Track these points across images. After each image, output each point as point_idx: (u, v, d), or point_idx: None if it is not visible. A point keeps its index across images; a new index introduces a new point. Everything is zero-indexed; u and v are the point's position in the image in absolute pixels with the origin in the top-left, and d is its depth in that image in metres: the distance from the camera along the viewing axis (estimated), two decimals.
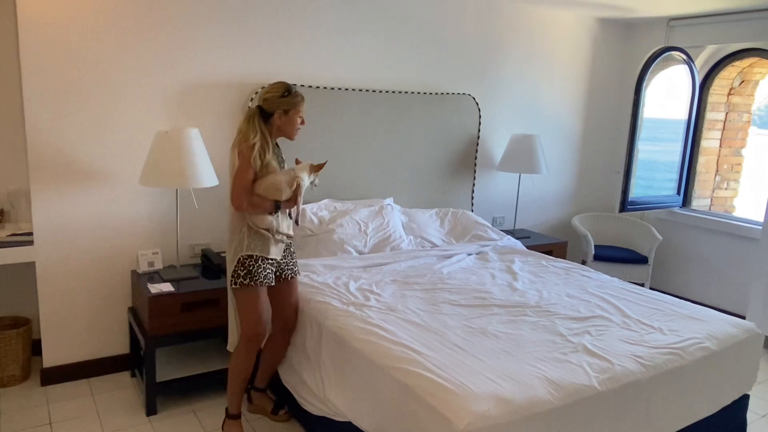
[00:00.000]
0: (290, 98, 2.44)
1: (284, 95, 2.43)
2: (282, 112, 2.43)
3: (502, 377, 1.96)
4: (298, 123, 2.49)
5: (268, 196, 2.39)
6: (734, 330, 2.54)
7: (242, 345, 2.51)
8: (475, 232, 3.80)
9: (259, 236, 2.41)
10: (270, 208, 2.39)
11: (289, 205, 2.45)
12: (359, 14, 3.59)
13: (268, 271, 2.46)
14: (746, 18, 4.01)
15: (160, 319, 2.75)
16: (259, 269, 2.41)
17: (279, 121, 2.44)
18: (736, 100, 4.64)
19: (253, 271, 2.41)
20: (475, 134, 4.13)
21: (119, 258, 3.11)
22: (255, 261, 2.41)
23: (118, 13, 2.90)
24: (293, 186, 2.42)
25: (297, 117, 2.46)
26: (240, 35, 3.23)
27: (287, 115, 2.45)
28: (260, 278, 2.42)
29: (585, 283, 3.07)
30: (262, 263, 2.42)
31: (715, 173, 4.77)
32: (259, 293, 2.45)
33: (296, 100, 2.45)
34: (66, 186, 2.92)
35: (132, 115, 3.02)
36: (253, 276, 2.41)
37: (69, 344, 3.06)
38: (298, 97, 2.46)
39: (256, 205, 2.38)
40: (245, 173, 2.36)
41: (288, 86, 2.45)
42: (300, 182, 2.42)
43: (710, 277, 4.46)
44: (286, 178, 2.42)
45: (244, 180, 2.36)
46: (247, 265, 2.40)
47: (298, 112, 2.46)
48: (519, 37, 4.29)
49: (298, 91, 2.48)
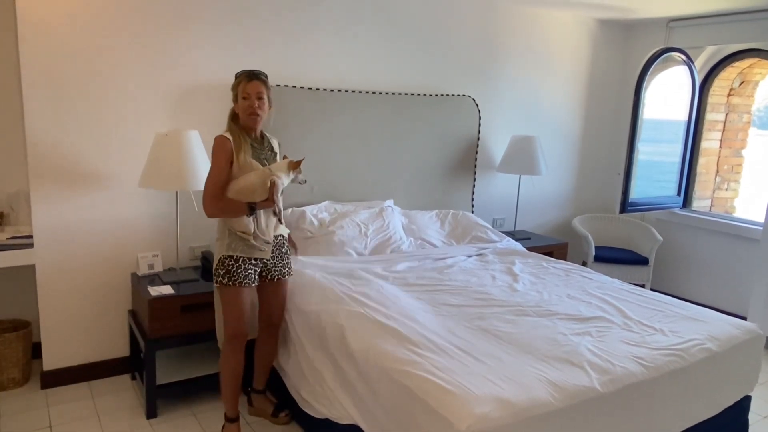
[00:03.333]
0: (234, 83, 2.36)
1: (233, 83, 2.36)
2: (235, 101, 2.37)
3: (503, 379, 1.95)
4: (246, 105, 2.34)
5: (241, 198, 2.31)
6: (736, 331, 2.53)
7: (226, 344, 2.50)
8: (476, 233, 3.80)
9: (240, 238, 2.37)
10: (243, 211, 2.32)
11: (266, 205, 2.36)
12: (359, 16, 3.59)
13: (250, 272, 2.43)
14: (746, 19, 4.01)
15: (160, 322, 2.74)
16: (239, 270, 2.39)
17: (237, 111, 2.38)
18: (736, 101, 4.64)
19: (232, 272, 2.38)
20: (475, 135, 4.13)
21: (119, 260, 3.10)
22: (235, 261, 2.38)
23: (117, 16, 2.90)
24: (267, 185, 2.32)
25: (242, 99, 2.35)
26: (240, 37, 3.23)
27: (238, 103, 2.37)
28: (239, 278, 2.39)
29: (585, 284, 3.06)
30: (243, 264, 2.40)
31: (715, 174, 4.77)
32: (239, 293, 2.42)
33: (237, 81, 2.35)
34: (66, 188, 2.92)
35: (132, 117, 3.02)
36: (231, 276, 2.39)
37: (69, 347, 3.06)
38: (239, 78, 2.35)
39: (225, 211, 2.33)
40: (213, 177, 2.31)
41: (238, 73, 2.38)
42: (275, 180, 2.31)
43: (711, 278, 4.46)
44: (260, 178, 2.32)
45: (211, 185, 2.31)
46: (226, 265, 2.39)
47: (242, 93, 2.34)
48: (519, 39, 4.29)
49: (241, 73, 2.37)
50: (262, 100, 2.37)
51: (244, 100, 2.35)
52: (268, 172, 2.34)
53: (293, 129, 3.38)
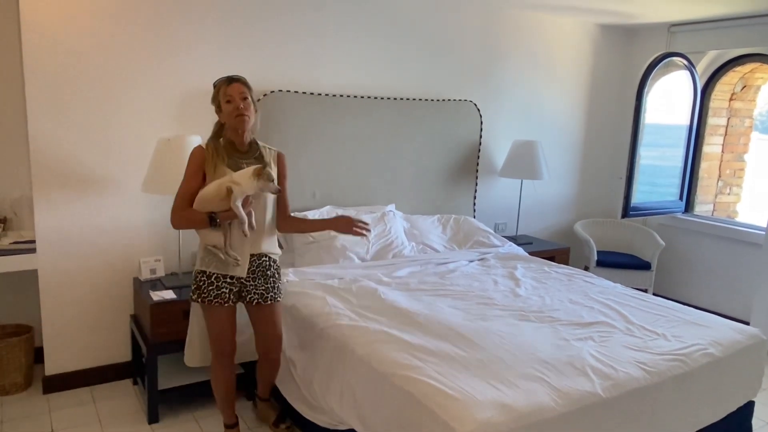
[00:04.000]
0: (214, 92, 2.27)
1: (212, 95, 2.28)
2: (219, 110, 2.28)
3: (505, 384, 1.95)
4: (231, 108, 2.23)
5: (201, 208, 2.20)
6: (739, 336, 2.52)
7: (213, 359, 2.43)
8: (477, 238, 3.80)
9: (214, 253, 2.27)
10: (204, 222, 2.20)
11: (230, 216, 2.19)
12: (361, 22, 3.61)
13: (224, 290, 2.29)
14: (747, 24, 4.02)
15: (162, 327, 2.74)
16: (210, 287, 2.28)
17: (223, 120, 2.28)
18: (738, 106, 4.64)
19: (202, 288, 2.28)
20: (477, 140, 4.13)
21: (121, 265, 3.11)
22: (208, 278, 2.28)
23: (120, 21, 2.91)
24: (223, 193, 2.16)
25: (226, 104, 2.24)
26: (243, 42, 3.24)
27: (221, 109, 2.27)
28: (209, 296, 2.28)
29: (588, 289, 3.05)
30: (215, 281, 2.28)
31: (717, 178, 4.76)
32: (213, 311, 2.32)
33: (217, 89, 2.26)
34: (68, 193, 2.93)
35: (134, 122, 3.03)
36: (201, 293, 2.29)
37: (71, 352, 3.06)
38: (216, 87, 2.27)
39: (187, 221, 2.24)
40: (180, 188, 2.26)
41: (215, 81, 2.30)
42: (231, 188, 2.14)
43: (714, 283, 4.44)
44: (217, 186, 2.18)
45: (177, 196, 2.25)
46: (197, 281, 2.30)
47: (225, 97, 2.23)
48: (520, 44, 4.30)
49: (216, 81, 2.28)
50: (246, 100, 2.25)
51: (228, 104, 2.23)
52: (227, 179, 2.18)
53: (295, 134, 3.39)
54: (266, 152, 2.40)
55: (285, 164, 2.47)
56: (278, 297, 2.45)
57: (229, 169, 2.26)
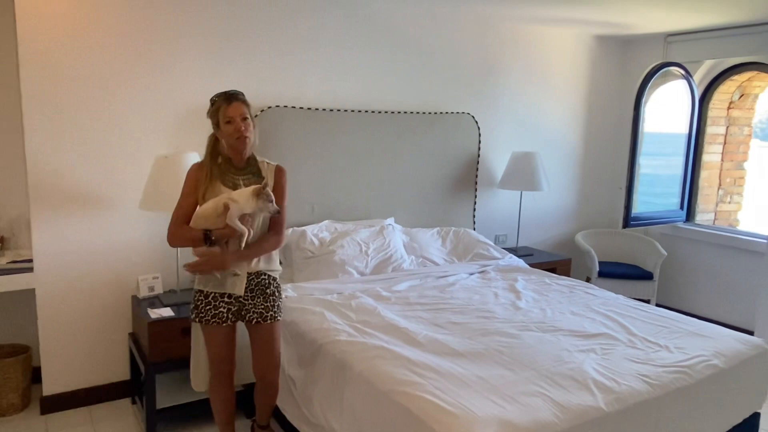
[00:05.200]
0: (212, 109, 2.23)
1: (209, 110, 2.24)
2: (217, 128, 2.24)
3: (506, 399, 1.92)
4: (231, 129, 2.19)
5: (198, 225, 2.19)
6: (742, 347, 2.49)
7: (211, 377, 2.41)
8: (477, 250, 3.78)
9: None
10: (200, 241, 2.17)
11: (226, 233, 2.17)
12: (358, 36, 3.62)
13: (222, 310, 2.27)
14: (743, 33, 4.02)
15: (161, 345, 2.72)
16: (207, 306, 2.26)
17: (222, 137, 2.24)
18: (737, 114, 4.64)
19: (200, 308, 2.27)
20: (476, 152, 4.13)
21: (119, 283, 3.09)
22: (205, 297, 2.26)
23: (118, 38, 2.93)
24: (220, 210, 2.15)
25: (226, 124, 2.20)
26: (240, 58, 3.25)
27: (220, 128, 2.23)
28: (207, 316, 2.26)
29: (589, 300, 3.03)
30: (213, 300, 2.26)
31: (717, 187, 4.75)
32: (211, 331, 2.29)
33: (216, 107, 2.21)
34: (66, 212, 2.92)
35: (132, 139, 3.03)
36: (200, 313, 2.27)
37: (69, 372, 3.04)
38: (216, 103, 2.22)
39: (182, 239, 2.22)
40: (177, 206, 2.25)
41: (213, 97, 2.25)
42: (228, 204, 2.14)
43: (717, 292, 4.41)
44: (214, 203, 2.17)
45: (174, 214, 2.24)
46: (195, 300, 2.29)
47: (224, 118, 2.19)
48: (517, 56, 4.31)
49: (217, 97, 2.23)
50: (246, 120, 2.22)
51: (228, 125, 2.19)
52: (225, 196, 2.17)
53: (293, 149, 3.39)
54: (264, 167, 2.38)
55: (284, 178, 2.40)
56: (278, 316, 2.40)
57: (225, 186, 2.25)
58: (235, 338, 2.40)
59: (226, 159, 2.30)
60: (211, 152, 2.31)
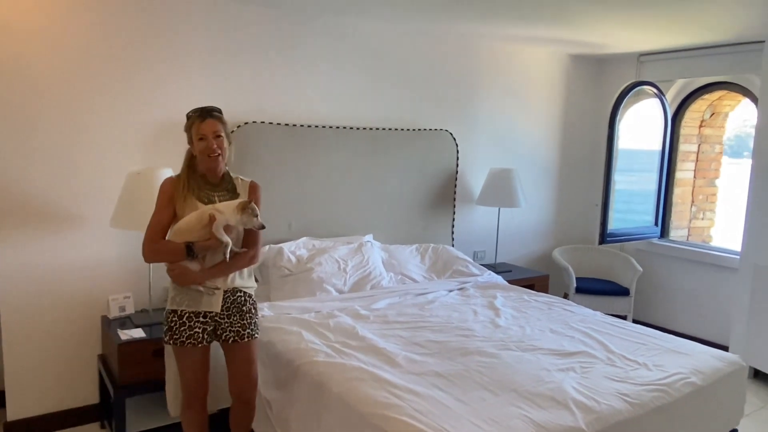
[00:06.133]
0: (187, 124, 2.20)
1: (185, 125, 2.21)
2: (191, 145, 2.22)
3: (487, 421, 1.89)
4: (203, 146, 2.16)
5: (179, 238, 2.13)
6: (719, 363, 2.51)
7: (183, 400, 2.33)
8: (456, 267, 3.76)
9: (186, 287, 2.18)
10: (181, 253, 2.12)
11: (209, 245, 2.13)
12: (337, 52, 3.61)
13: (197, 330, 2.20)
14: (713, 53, 4.13)
15: (131, 367, 2.64)
16: (182, 327, 2.18)
17: (195, 153, 2.21)
18: (708, 132, 4.74)
19: (174, 329, 2.19)
20: (454, 169, 4.13)
21: (89, 303, 2.99)
22: (179, 318, 2.19)
23: (90, 50, 2.87)
24: (205, 221, 2.11)
25: (198, 141, 2.17)
26: (217, 73, 3.21)
27: (193, 144, 2.20)
28: (182, 338, 2.18)
29: (568, 317, 3.03)
30: (188, 321, 2.19)
31: (691, 204, 4.83)
32: (186, 353, 2.22)
33: (190, 122, 2.19)
34: (33, 229, 2.83)
35: (103, 155, 2.96)
36: (174, 334, 2.19)
37: (35, 395, 2.92)
38: (191, 119, 2.19)
39: (161, 253, 2.17)
40: (151, 220, 2.20)
41: (189, 112, 2.22)
42: (213, 215, 2.11)
43: (691, 308, 4.46)
44: (198, 215, 2.14)
45: (149, 228, 2.19)
46: (169, 322, 2.21)
47: (197, 134, 2.17)
48: (494, 74, 4.35)
49: (193, 112, 2.20)
50: (220, 138, 2.19)
51: (200, 141, 2.17)
52: (209, 207, 2.15)
53: (271, 165, 3.35)
54: (239, 183, 2.35)
55: (259, 195, 2.37)
56: (255, 334, 2.34)
57: (200, 202, 2.21)
58: (209, 359, 2.33)
59: (201, 175, 2.27)
60: (187, 166, 2.28)
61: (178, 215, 2.20)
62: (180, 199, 2.20)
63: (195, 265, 2.17)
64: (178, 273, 2.17)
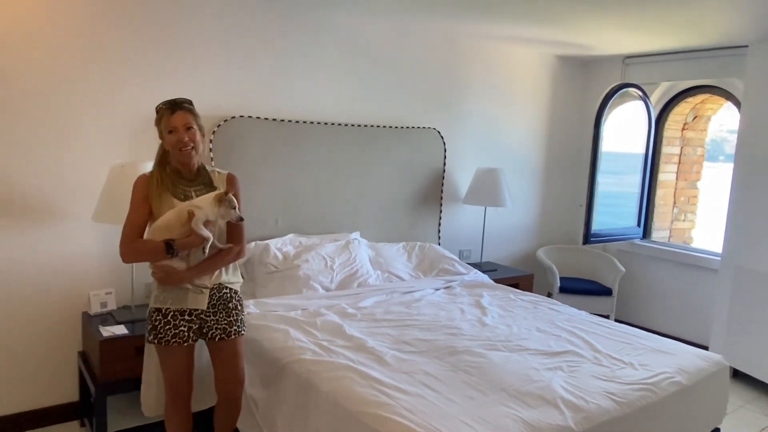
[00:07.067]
0: (156, 117, 2.14)
1: (155, 118, 2.14)
2: (162, 138, 2.15)
3: (476, 420, 1.89)
4: (174, 140, 2.10)
5: (158, 236, 2.08)
6: (703, 363, 2.54)
7: (167, 399, 2.28)
8: (443, 266, 3.76)
9: (170, 285, 2.14)
10: (161, 251, 2.06)
11: (189, 242, 2.08)
12: (325, 49, 3.58)
13: (182, 329, 2.15)
14: (696, 57, 4.18)
15: (112, 364, 2.58)
16: (166, 326, 2.13)
17: (167, 147, 2.14)
18: (690, 135, 4.81)
19: (158, 328, 2.13)
20: (441, 167, 4.13)
21: (69, 299, 2.93)
22: (164, 317, 2.14)
23: (73, 42, 2.80)
24: (184, 218, 2.07)
25: (168, 134, 2.11)
26: (203, 66, 3.16)
27: (164, 138, 2.14)
28: (167, 337, 2.13)
29: (554, 316, 3.04)
30: (173, 319, 2.14)
31: (672, 205, 4.89)
32: (170, 352, 2.17)
33: (159, 116, 2.12)
34: (12, 222, 2.75)
35: (85, 147, 2.89)
36: (158, 334, 2.13)
37: (11, 393, 2.84)
38: (160, 111, 2.13)
39: (139, 252, 2.12)
40: (126, 219, 2.14)
41: (158, 105, 2.15)
42: (192, 211, 2.06)
43: (672, 308, 4.52)
44: (176, 212, 2.09)
45: (125, 227, 2.13)
46: (152, 320, 2.15)
47: (167, 127, 2.10)
48: (482, 73, 4.36)
49: (159, 106, 2.14)
50: (191, 130, 2.12)
51: (170, 135, 2.10)
52: (186, 204, 2.10)
53: (257, 161, 3.31)
54: (215, 176, 2.29)
55: (238, 186, 2.30)
56: (242, 330, 2.30)
57: (176, 198, 2.15)
58: (193, 358, 2.29)
59: (175, 170, 2.20)
60: (159, 162, 2.21)
61: (155, 214, 2.14)
62: (155, 197, 2.14)
63: (180, 263, 2.12)
64: (164, 274, 2.12)
